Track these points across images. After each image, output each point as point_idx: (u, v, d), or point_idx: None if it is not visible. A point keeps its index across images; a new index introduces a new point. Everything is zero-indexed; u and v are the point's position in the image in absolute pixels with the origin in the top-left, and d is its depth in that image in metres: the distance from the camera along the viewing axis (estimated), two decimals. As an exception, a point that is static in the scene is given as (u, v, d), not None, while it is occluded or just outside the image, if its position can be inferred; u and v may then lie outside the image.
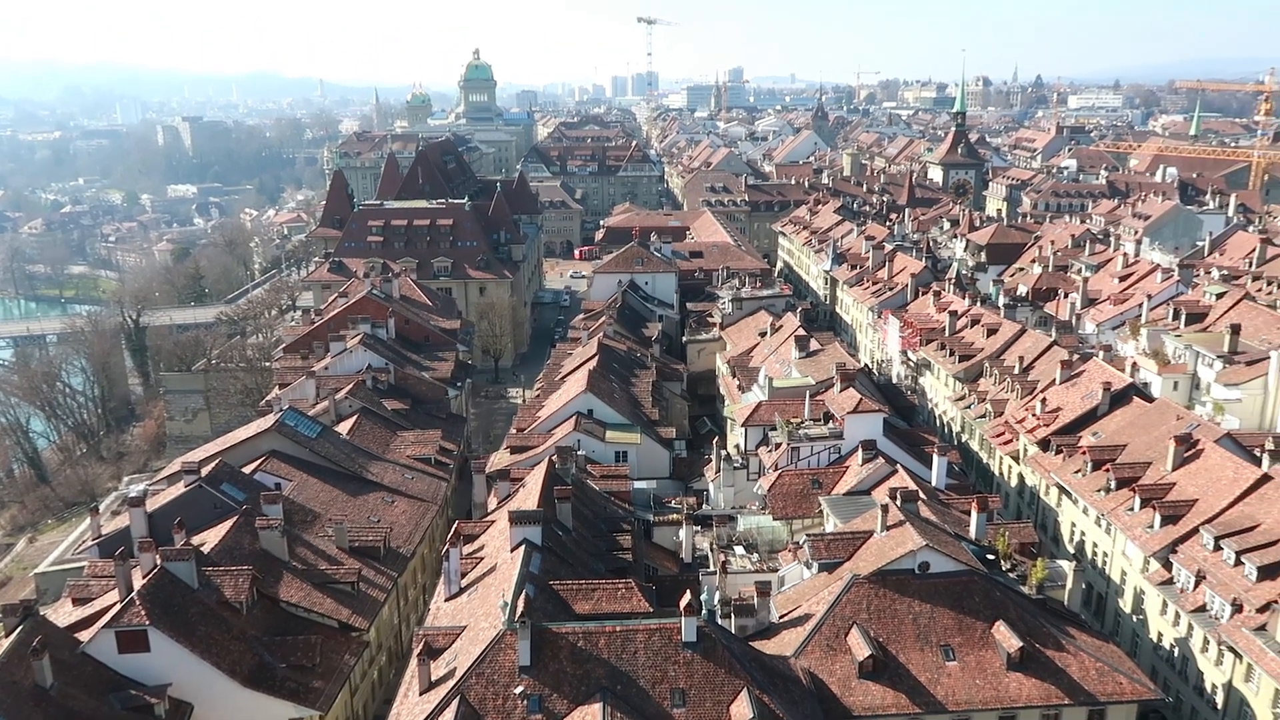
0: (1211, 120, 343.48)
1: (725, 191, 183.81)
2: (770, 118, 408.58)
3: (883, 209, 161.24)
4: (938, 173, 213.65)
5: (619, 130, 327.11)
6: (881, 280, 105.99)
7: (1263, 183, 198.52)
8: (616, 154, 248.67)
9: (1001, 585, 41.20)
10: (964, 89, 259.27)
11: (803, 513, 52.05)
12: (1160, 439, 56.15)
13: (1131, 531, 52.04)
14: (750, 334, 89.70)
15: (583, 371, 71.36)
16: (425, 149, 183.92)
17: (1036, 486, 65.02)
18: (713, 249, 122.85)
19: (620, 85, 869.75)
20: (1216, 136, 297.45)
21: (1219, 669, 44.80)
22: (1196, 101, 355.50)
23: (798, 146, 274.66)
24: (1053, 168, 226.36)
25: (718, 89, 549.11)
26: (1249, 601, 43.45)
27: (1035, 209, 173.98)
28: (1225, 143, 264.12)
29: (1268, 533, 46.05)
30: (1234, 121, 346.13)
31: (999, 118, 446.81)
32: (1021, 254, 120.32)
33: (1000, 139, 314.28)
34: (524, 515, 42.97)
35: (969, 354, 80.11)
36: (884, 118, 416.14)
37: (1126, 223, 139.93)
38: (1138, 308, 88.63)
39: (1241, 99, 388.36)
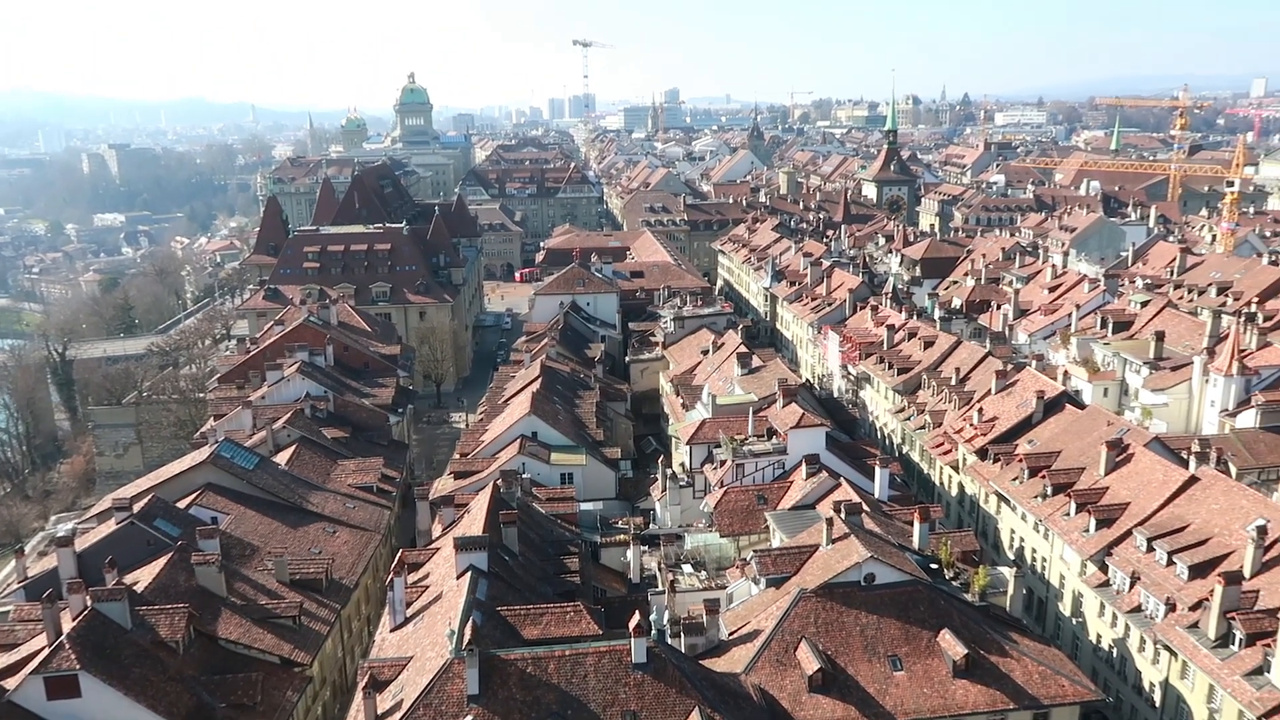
0: (1131, 135, 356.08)
1: (664, 211, 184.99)
2: (707, 138, 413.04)
3: (819, 226, 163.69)
4: (872, 189, 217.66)
5: (557, 152, 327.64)
6: (820, 296, 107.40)
7: (1180, 194, 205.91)
8: (555, 176, 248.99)
9: (945, 594, 41.79)
10: (895, 108, 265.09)
11: (749, 529, 52.27)
12: (1093, 444, 57.65)
13: (1068, 536, 53.25)
14: (693, 352, 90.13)
15: (526, 394, 70.96)
16: (361, 173, 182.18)
17: (976, 495, 66.22)
18: (653, 268, 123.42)
19: (558, 107, 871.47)
20: (1136, 151, 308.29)
21: (1156, 667, 45.94)
22: (1116, 117, 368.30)
23: (735, 166, 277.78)
24: (982, 183, 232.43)
25: (654, 110, 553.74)
26: (1181, 600, 44.71)
27: (966, 223, 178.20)
28: (1144, 157, 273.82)
29: (1197, 532, 47.51)
30: (1152, 136, 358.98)
31: (929, 135, 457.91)
32: (955, 267, 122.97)
33: (931, 156, 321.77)
34: (469, 541, 42.45)
35: (907, 366, 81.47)
36: (818, 137, 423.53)
37: (1054, 235, 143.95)
38: (1067, 317, 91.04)
39: (1158, 114, 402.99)
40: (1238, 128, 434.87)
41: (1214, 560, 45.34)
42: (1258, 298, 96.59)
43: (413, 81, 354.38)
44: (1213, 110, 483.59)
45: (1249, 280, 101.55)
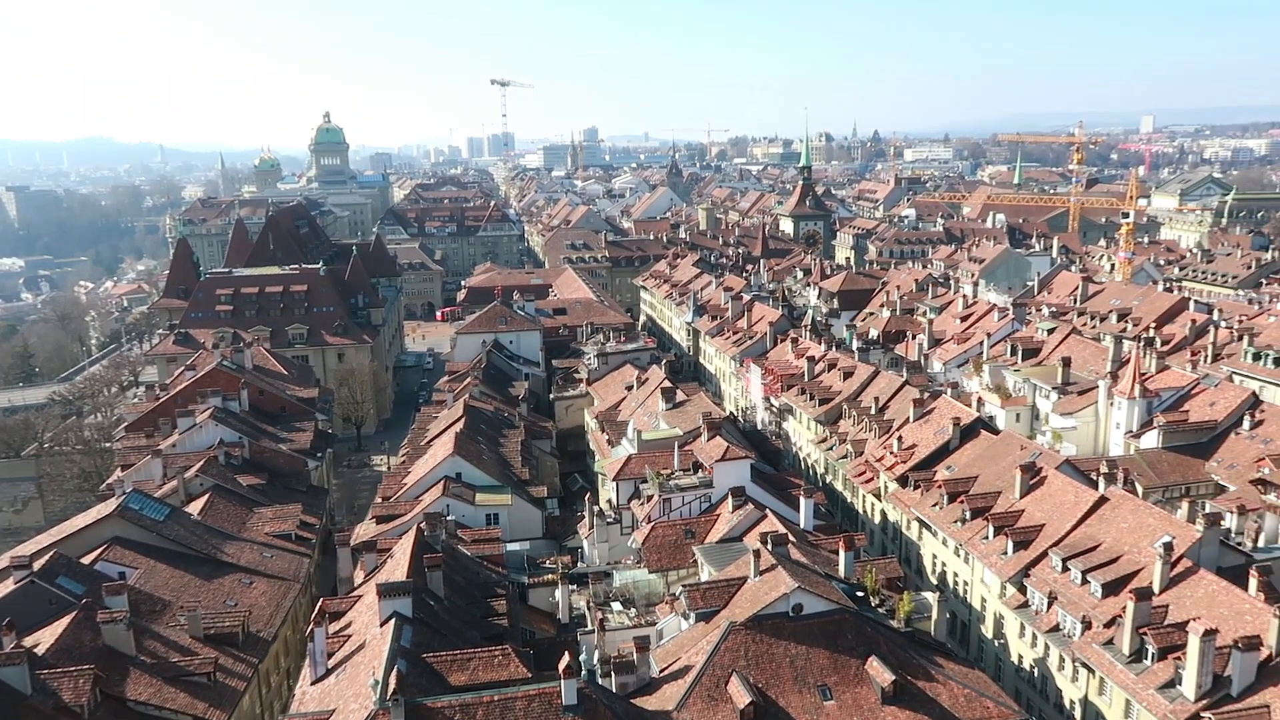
0: (1032, 169, 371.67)
1: (586, 248, 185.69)
2: (627, 175, 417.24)
3: (739, 261, 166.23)
4: (789, 224, 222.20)
5: (477, 190, 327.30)
6: (741, 329, 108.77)
7: (1079, 226, 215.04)
8: (475, 214, 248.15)
9: (872, 621, 42.22)
10: (808, 144, 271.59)
11: (677, 563, 52.14)
12: (1007, 469, 59.26)
13: (987, 559, 54.49)
14: (617, 388, 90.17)
15: (449, 434, 69.96)
16: (276, 214, 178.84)
17: (898, 522, 67.36)
18: (576, 305, 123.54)
19: (476, 146, 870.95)
20: (1037, 184, 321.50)
21: (1075, 685, 47.08)
22: (1018, 153, 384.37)
23: (655, 203, 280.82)
24: (894, 217, 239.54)
25: (574, 148, 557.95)
26: (1096, 618, 46.04)
27: (881, 256, 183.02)
28: (1045, 190, 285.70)
29: (1108, 551, 49.10)
30: (1052, 170, 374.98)
31: (842, 171, 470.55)
32: (871, 299, 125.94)
33: (845, 191, 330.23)
34: (392, 587, 41.42)
35: (828, 397, 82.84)
36: (735, 173, 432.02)
37: (964, 266, 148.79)
38: (979, 345, 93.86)
39: (1056, 150, 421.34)
40: (1130, 162, 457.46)
41: (1125, 577, 46.88)
42: (1155, 323, 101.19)
43: (328, 121, 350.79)
44: (1106, 145, 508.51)
45: (1146, 306, 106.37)
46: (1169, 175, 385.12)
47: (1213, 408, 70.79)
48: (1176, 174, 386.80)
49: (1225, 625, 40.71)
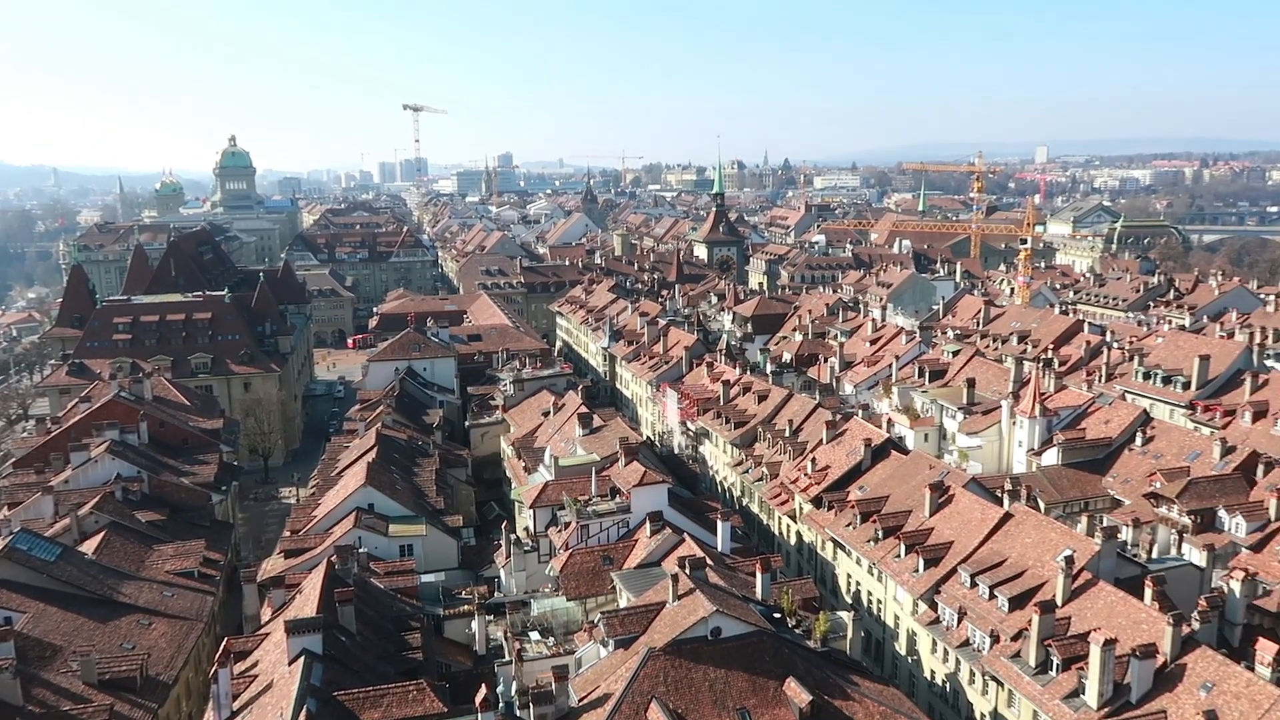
0: (935, 197, 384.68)
1: (501, 274, 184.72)
2: (542, 201, 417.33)
3: (654, 286, 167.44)
4: (703, 250, 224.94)
5: (389, 216, 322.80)
6: (657, 354, 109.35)
7: (981, 251, 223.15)
8: (388, 240, 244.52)
9: (789, 642, 42.58)
10: (721, 172, 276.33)
11: (596, 590, 51.78)
12: (917, 488, 60.68)
13: (899, 577, 55.60)
14: (534, 414, 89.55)
15: (361, 464, 68.40)
16: (178, 239, 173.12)
17: (814, 542, 68.28)
18: (491, 331, 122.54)
19: (389, 171, 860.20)
20: (941, 212, 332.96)
21: (985, 698, 48.23)
22: (922, 181, 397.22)
23: (570, 228, 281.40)
24: (805, 243, 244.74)
25: (488, 174, 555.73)
26: (1004, 632, 47.33)
27: (793, 281, 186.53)
28: (948, 217, 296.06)
29: (1014, 566, 50.61)
30: (954, 198, 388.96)
31: (754, 198, 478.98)
32: (784, 323, 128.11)
33: (757, 217, 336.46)
34: (301, 624, 40.12)
35: (743, 420, 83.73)
36: (650, 200, 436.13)
37: (872, 291, 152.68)
38: (888, 368, 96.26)
39: (958, 178, 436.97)
40: (1026, 190, 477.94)
41: (1030, 591, 48.35)
42: (1052, 344, 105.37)
43: (234, 144, 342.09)
44: (1004, 175, 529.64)
45: (1044, 329, 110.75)
46: (1063, 204, 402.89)
47: (1107, 425, 73.90)
48: (1069, 202, 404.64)
49: (1124, 634, 42.26)
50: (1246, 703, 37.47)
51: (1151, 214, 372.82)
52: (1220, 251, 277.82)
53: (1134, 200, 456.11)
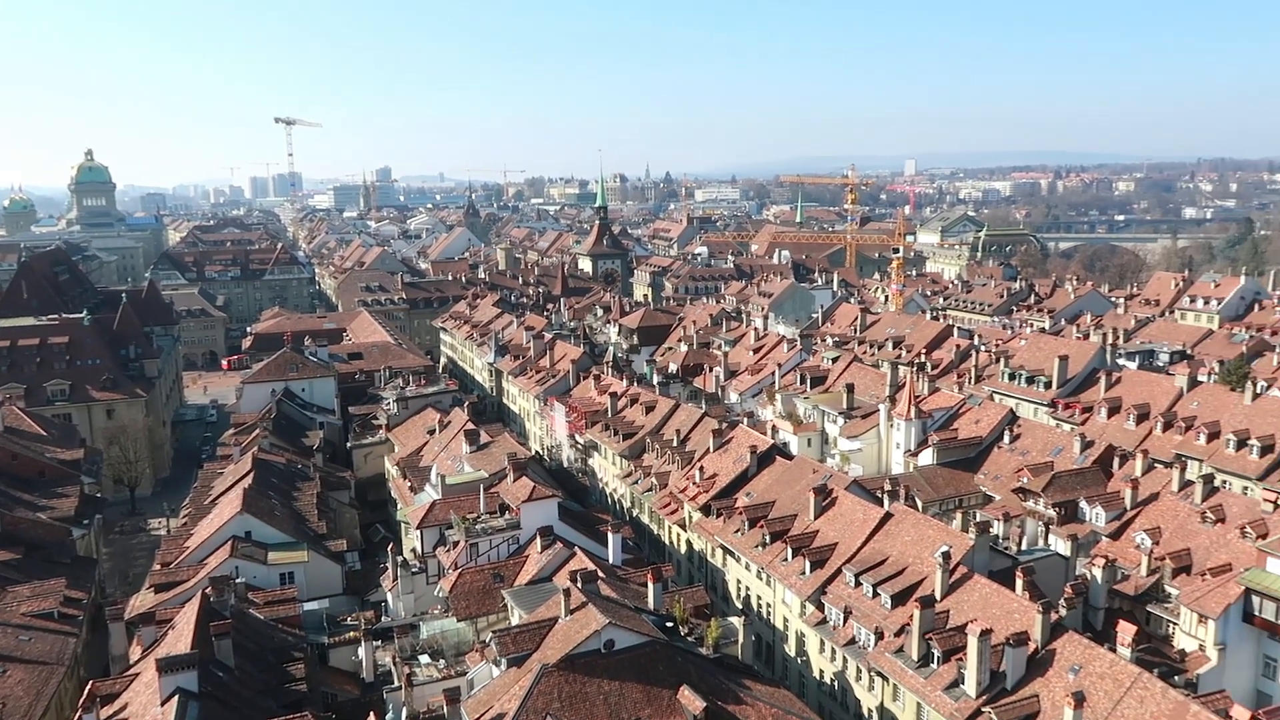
0: (812, 209, 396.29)
1: (382, 290, 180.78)
2: (423, 216, 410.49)
3: (539, 300, 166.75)
4: (588, 263, 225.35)
5: (262, 232, 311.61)
6: (544, 368, 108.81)
7: (856, 260, 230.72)
8: (261, 257, 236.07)
9: (682, 650, 42.87)
10: (603, 185, 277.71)
11: (487, 609, 51.05)
12: (802, 492, 62.11)
13: (787, 580, 56.73)
14: (419, 433, 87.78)
15: (237, 491, 65.62)
16: (30, 259, 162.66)
17: (704, 550, 68.99)
18: (373, 349, 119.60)
19: (261, 186, 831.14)
20: (817, 223, 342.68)
21: (872, 694, 49.61)
22: (799, 193, 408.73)
23: (452, 243, 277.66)
24: (688, 255, 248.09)
25: (366, 188, 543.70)
26: (888, 628, 48.84)
27: (677, 292, 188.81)
28: (825, 228, 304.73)
29: (895, 564, 52.31)
30: (830, 209, 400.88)
31: (637, 211, 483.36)
32: (669, 334, 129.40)
33: (640, 230, 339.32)
34: (174, 661, 38.12)
35: (631, 432, 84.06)
36: (533, 213, 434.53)
37: (754, 301, 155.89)
38: (771, 375, 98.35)
39: (833, 190, 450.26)
40: (897, 202, 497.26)
41: (911, 588, 50.06)
42: (925, 349, 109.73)
43: (91, 159, 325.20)
44: (876, 187, 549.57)
45: (917, 334, 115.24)
46: (931, 214, 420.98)
47: (978, 425, 77.35)
48: (937, 213, 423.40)
49: (998, 624, 44.17)
50: (1110, 682, 39.68)
51: (1012, 223, 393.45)
52: (1075, 258, 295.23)
53: (996, 210, 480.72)
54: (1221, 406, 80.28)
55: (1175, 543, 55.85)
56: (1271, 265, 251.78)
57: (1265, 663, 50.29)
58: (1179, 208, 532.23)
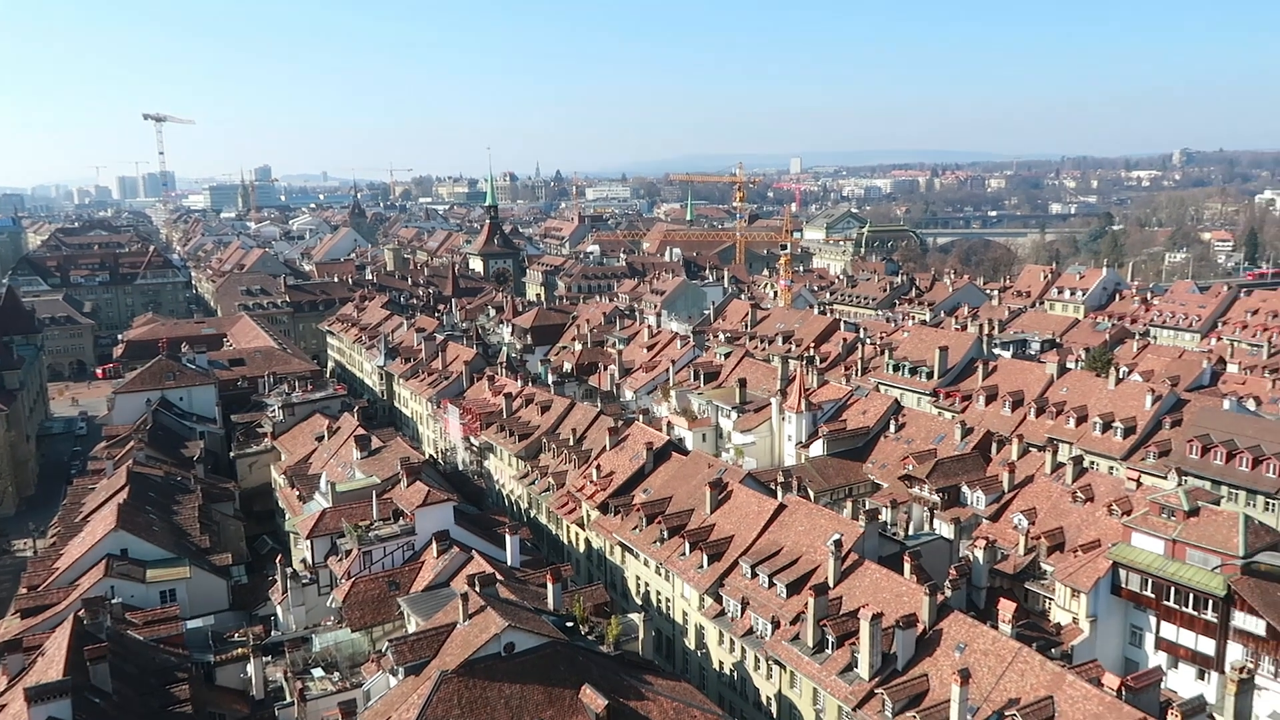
0: (701, 207, 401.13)
1: (264, 294, 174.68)
2: (306, 216, 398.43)
3: (430, 301, 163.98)
4: (479, 263, 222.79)
5: (133, 235, 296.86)
6: (437, 370, 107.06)
7: (745, 257, 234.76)
8: (132, 261, 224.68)
9: (583, 650, 42.83)
10: (493, 184, 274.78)
11: (382, 618, 49.91)
12: (698, 487, 62.83)
13: (685, 574, 57.32)
14: (306, 440, 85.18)
15: (111, 506, 62.37)
16: None
17: (602, 548, 69.10)
18: (255, 355, 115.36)
19: (130, 186, 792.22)
20: (707, 220, 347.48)
21: (770, 682, 50.60)
22: (688, 192, 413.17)
23: (338, 244, 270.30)
24: (580, 253, 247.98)
25: (245, 188, 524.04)
26: (784, 617, 49.89)
27: (570, 291, 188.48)
28: (714, 225, 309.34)
29: (789, 554, 53.45)
30: (719, 207, 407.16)
31: (528, 210, 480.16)
32: (563, 333, 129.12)
33: (532, 229, 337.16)
34: (45, 689, 35.95)
35: (527, 432, 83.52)
36: (421, 213, 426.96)
37: (647, 298, 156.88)
38: (665, 372, 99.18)
39: (721, 188, 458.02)
40: (783, 199, 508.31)
41: (805, 576, 51.24)
42: (814, 343, 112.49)
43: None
44: (763, 185, 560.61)
45: (806, 329, 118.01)
46: (816, 211, 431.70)
47: (865, 415, 79.72)
48: (822, 210, 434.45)
49: (888, 608, 45.65)
50: (993, 658, 41.49)
51: (893, 219, 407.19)
52: (952, 252, 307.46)
53: (877, 207, 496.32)
54: (1088, 391, 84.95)
55: (1049, 522, 58.79)
56: (1130, 257, 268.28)
57: (1132, 631, 53.48)
58: (1046, 203, 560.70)
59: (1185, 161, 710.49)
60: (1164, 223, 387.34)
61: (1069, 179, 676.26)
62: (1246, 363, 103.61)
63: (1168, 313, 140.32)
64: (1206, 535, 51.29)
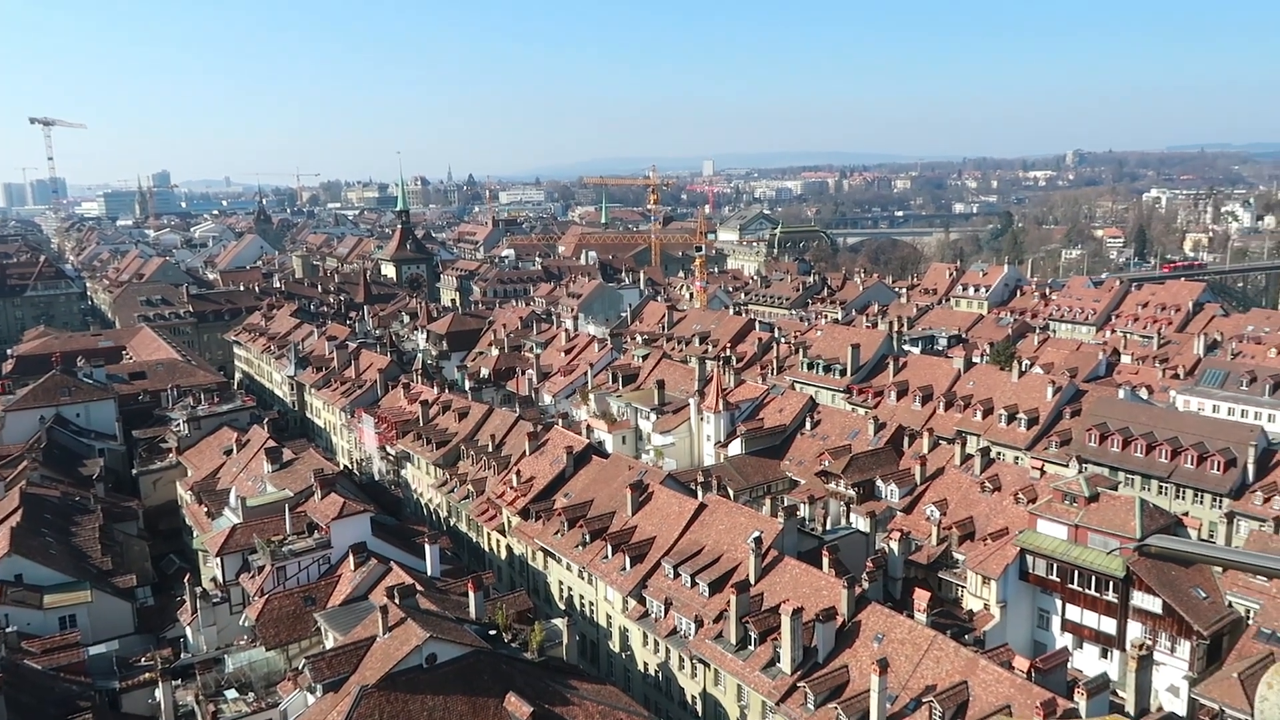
0: (616, 210, 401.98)
1: (165, 304, 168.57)
2: (208, 223, 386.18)
3: (341, 308, 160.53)
4: (391, 269, 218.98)
5: (21, 244, 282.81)
6: (350, 379, 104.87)
7: (661, 259, 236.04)
8: (21, 271, 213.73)
9: (506, 657, 42.44)
10: (404, 188, 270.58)
11: (299, 635, 48.60)
12: (619, 489, 62.90)
13: (608, 577, 57.31)
14: (214, 454, 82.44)
15: (3, 531, 59.26)
16: None
17: (524, 554, 68.59)
18: (157, 367, 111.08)
19: (17, 193, 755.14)
20: (622, 223, 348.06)
21: (694, 680, 50.93)
22: (603, 195, 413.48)
23: (243, 251, 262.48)
24: (495, 257, 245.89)
25: (142, 194, 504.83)
26: (707, 616, 50.28)
27: (485, 296, 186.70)
28: (629, 228, 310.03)
29: (711, 553, 53.91)
30: (633, 210, 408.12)
31: (441, 214, 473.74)
32: (479, 339, 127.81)
33: (445, 234, 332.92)
34: (-66, 726, 34.02)
35: (445, 440, 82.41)
36: (330, 218, 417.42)
37: (564, 302, 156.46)
38: (584, 376, 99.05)
39: (636, 191, 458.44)
40: (697, 201, 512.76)
41: (727, 574, 51.75)
42: (730, 343, 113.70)
43: None
44: (677, 187, 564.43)
45: (722, 329, 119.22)
46: (729, 213, 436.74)
47: (781, 413, 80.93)
48: (735, 211, 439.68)
49: (809, 602, 46.42)
50: (910, 647, 42.55)
51: (804, 220, 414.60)
52: (861, 251, 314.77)
53: (789, 208, 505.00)
54: (993, 385, 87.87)
55: (960, 512, 60.62)
56: (1029, 254, 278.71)
57: (1039, 615, 55.52)
58: (950, 203, 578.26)
59: (1078, 162, 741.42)
60: (1060, 221, 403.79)
61: (970, 179, 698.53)
62: (1139, 354, 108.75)
63: (1065, 307, 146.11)
64: (1106, 519, 53.58)
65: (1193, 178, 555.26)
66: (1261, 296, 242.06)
